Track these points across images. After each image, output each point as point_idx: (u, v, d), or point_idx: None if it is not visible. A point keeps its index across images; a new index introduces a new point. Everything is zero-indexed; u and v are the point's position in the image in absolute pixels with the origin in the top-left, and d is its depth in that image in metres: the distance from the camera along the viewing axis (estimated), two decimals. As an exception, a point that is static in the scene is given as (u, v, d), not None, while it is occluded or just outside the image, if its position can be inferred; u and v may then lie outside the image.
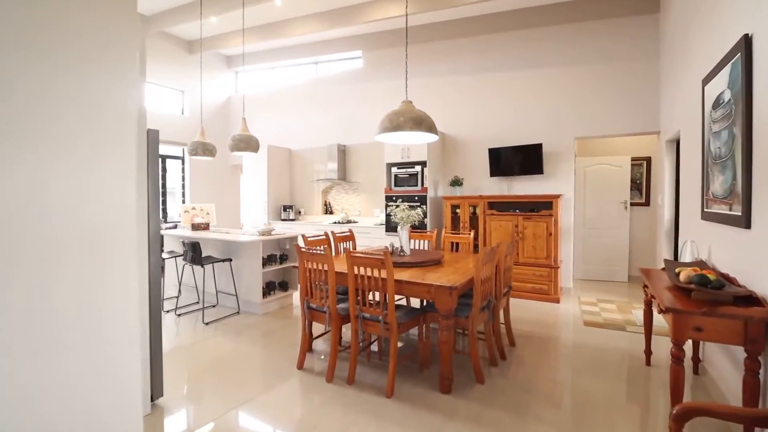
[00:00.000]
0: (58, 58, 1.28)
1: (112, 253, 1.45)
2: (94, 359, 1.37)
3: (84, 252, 1.34)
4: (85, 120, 1.35)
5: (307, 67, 7.61)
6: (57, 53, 1.27)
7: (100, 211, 1.40)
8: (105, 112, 1.41)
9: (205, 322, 3.82)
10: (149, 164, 2.26)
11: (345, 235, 3.90)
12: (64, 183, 1.29)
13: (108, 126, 1.42)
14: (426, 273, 2.69)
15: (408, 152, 5.36)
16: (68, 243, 1.30)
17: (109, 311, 1.43)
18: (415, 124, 2.86)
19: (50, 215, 1.25)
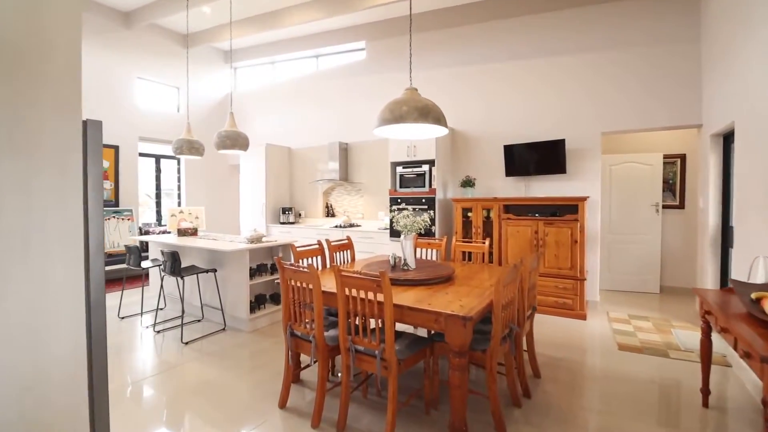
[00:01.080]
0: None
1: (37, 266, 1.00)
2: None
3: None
4: None
5: (308, 61, 7.17)
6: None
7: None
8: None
9: (185, 341, 3.39)
10: (88, 162, 1.81)
11: (342, 243, 3.43)
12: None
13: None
14: (434, 294, 2.21)
15: (414, 150, 4.88)
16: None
17: (24, 347, 0.98)
18: (420, 115, 2.39)
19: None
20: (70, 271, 1.73)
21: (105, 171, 6.17)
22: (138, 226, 6.46)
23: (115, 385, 2.62)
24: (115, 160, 6.27)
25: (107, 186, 6.21)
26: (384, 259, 3.12)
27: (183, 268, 3.66)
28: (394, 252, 2.87)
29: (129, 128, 6.43)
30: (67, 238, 1.73)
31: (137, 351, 3.21)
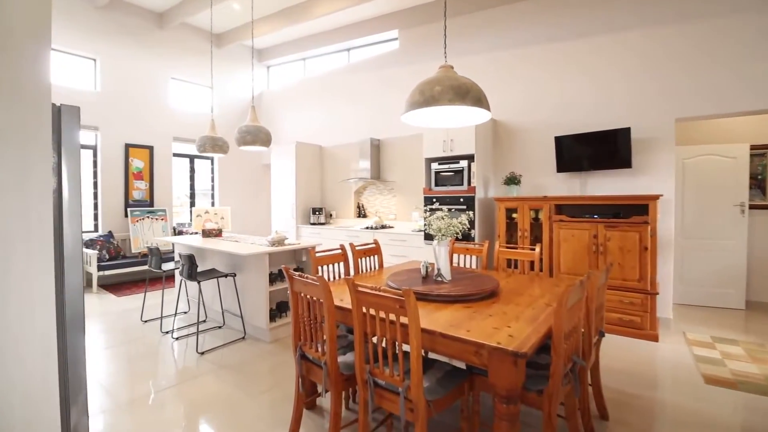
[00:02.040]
0: None
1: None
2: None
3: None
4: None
5: (339, 56, 6.89)
6: None
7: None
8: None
9: (201, 351, 3.16)
10: (63, 154, 1.56)
11: (369, 248, 3.06)
12: None
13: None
14: (474, 315, 1.77)
15: (451, 144, 4.41)
16: None
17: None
18: (456, 95, 1.97)
19: None
20: (35, 283, 1.48)
21: (140, 171, 6.22)
22: (172, 226, 6.48)
23: (117, 401, 2.40)
24: (149, 160, 6.31)
25: (142, 186, 6.25)
26: (415, 268, 2.71)
27: (200, 272, 3.45)
28: (427, 260, 2.44)
29: (163, 128, 6.46)
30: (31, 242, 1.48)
31: (149, 361, 3.01)
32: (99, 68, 5.76)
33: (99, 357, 3.06)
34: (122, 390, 2.54)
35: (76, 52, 5.56)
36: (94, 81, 5.78)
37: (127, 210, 5.97)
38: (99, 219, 5.85)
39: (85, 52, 5.61)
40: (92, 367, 2.88)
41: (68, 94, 5.43)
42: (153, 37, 6.30)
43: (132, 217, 5.93)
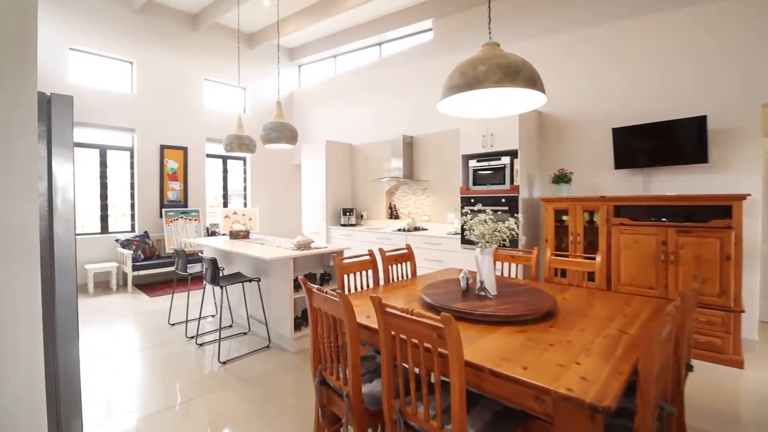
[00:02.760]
0: None
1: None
2: None
3: None
4: None
5: (370, 51, 6.65)
6: None
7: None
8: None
9: (222, 360, 2.99)
10: (53, 149, 1.37)
11: (400, 254, 2.76)
12: None
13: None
14: (529, 344, 1.43)
15: (492, 139, 4.02)
16: None
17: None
18: (505, 76, 1.64)
19: None
20: (18, 296, 1.30)
21: (174, 172, 6.27)
22: (205, 227, 6.49)
23: (128, 417, 2.25)
24: (184, 161, 6.35)
25: (176, 187, 6.30)
26: (453, 278, 2.38)
27: (223, 276, 3.29)
28: (466, 270, 2.11)
29: (197, 130, 6.49)
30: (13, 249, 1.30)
31: (169, 370, 2.87)
32: (135, 71, 5.84)
33: (120, 362, 2.96)
34: (136, 402, 2.40)
35: (114, 56, 5.67)
36: (131, 84, 5.87)
37: (162, 210, 6.02)
38: (135, 219, 5.94)
39: (123, 55, 5.71)
40: (110, 373, 2.78)
41: (106, 97, 5.53)
42: (187, 39, 6.34)
43: (166, 217, 5.98)
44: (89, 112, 5.38)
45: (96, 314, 4.22)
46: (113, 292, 5.22)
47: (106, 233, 5.69)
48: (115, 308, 4.49)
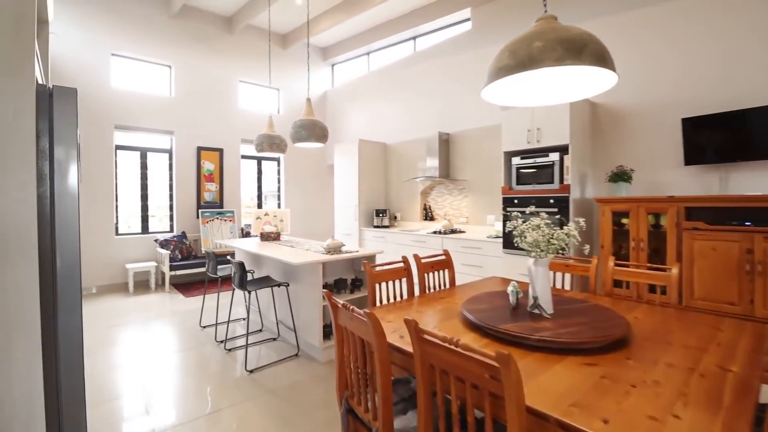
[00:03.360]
0: None
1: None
2: None
3: None
4: None
5: (404, 46, 6.41)
6: None
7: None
8: None
9: (249, 369, 2.86)
10: (54, 144, 1.25)
11: (437, 260, 2.50)
12: None
13: None
14: (605, 384, 1.13)
15: (537, 134, 3.66)
16: None
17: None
18: (568, 52, 1.36)
19: None
20: (13, 309, 1.17)
21: (210, 173, 6.34)
22: (240, 227, 6.53)
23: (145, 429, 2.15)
24: (219, 162, 6.41)
25: (212, 188, 6.37)
26: (499, 291, 2.09)
27: (251, 281, 3.18)
28: (515, 283, 1.82)
29: (232, 131, 6.53)
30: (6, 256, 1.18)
31: (196, 377, 2.78)
32: (174, 74, 5.95)
33: (150, 365, 2.91)
34: (161, 411, 2.30)
35: (154, 60, 5.79)
36: (170, 87, 5.99)
37: (199, 211, 6.10)
38: (174, 220, 6.05)
39: (161, 59, 5.83)
40: (138, 377, 2.72)
41: (146, 100, 5.66)
42: (222, 42, 6.40)
43: (203, 218, 6.04)
44: (130, 116, 5.52)
45: (133, 313, 4.28)
46: (152, 291, 5.32)
47: (146, 233, 5.83)
48: (152, 307, 4.54)
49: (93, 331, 3.67)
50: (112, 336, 3.56)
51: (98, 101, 5.26)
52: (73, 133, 1.28)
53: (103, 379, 2.71)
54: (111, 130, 5.38)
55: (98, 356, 3.09)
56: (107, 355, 3.13)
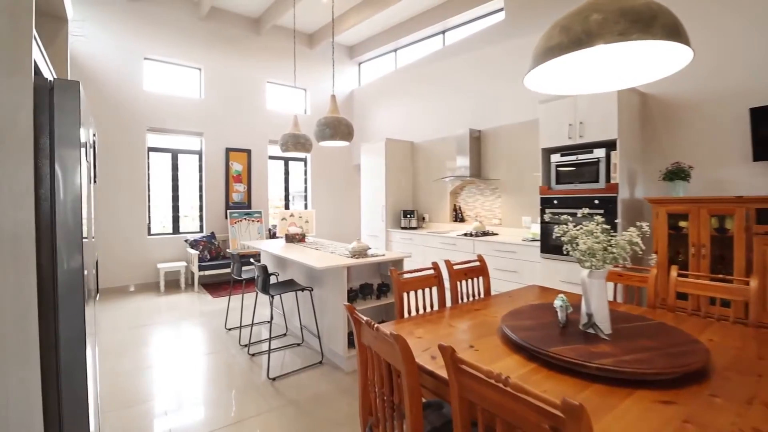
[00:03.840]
0: None
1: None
2: None
3: None
4: None
5: (433, 41, 6.19)
6: None
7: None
8: None
9: (272, 377, 2.76)
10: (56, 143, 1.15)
11: (471, 267, 2.29)
12: None
13: None
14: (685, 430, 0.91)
15: (580, 128, 3.36)
16: None
17: None
18: (634, 24, 1.14)
19: None
20: (6, 329, 1.08)
21: (239, 174, 6.37)
22: (267, 228, 6.53)
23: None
24: (247, 163, 6.44)
25: (240, 189, 6.40)
26: (542, 304, 1.86)
27: (274, 285, 3.08)
28: (563, 296, 1.59)
29: (260, 132, 6.54)
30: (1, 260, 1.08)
31: (217, 383, 2.70)
32: (203, 77, 6.01)
33: (174, 369, 2.87)
34: (181, 418, 2.23)
35: (184, 63, 5.87)
36: (199, 89, 6.05)
37: (227, 212, 6.14)
38: (203, 220, 6.12)
39: (191, 62, 5.90)
40: (158, 381, 2.67)
41: (177, 103, 5.74)
42: (250, 43, 6.42)
43: (231, 218, 6.07)
44: (162, 118, 5.62)
45: (163, 313, 4.31)
46: (182, 291, 5.38)
47: (177, 233, 5.92)
48: (180, 307, 4.56)
49: (123, 331, 3.71)
50: (140, 336, 3.57)
51: (132, 104, 5.37)
52: (75, 129, 1.18)
53: (126, 382, 2.68)
54: (143, 132, 5.49)
55: (124, 359, 3.09)
56: (133, 357, 3.12)
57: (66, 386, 1.20)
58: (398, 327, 1.68)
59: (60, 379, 1.19)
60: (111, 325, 3.91)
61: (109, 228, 5.23)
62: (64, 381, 1.19)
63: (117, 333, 3.67)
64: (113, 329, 3.78)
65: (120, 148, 5.30)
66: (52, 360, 1.16)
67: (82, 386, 1.24)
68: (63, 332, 1.19)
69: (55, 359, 1.17)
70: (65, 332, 1.19)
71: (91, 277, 1.66)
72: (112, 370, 2.88)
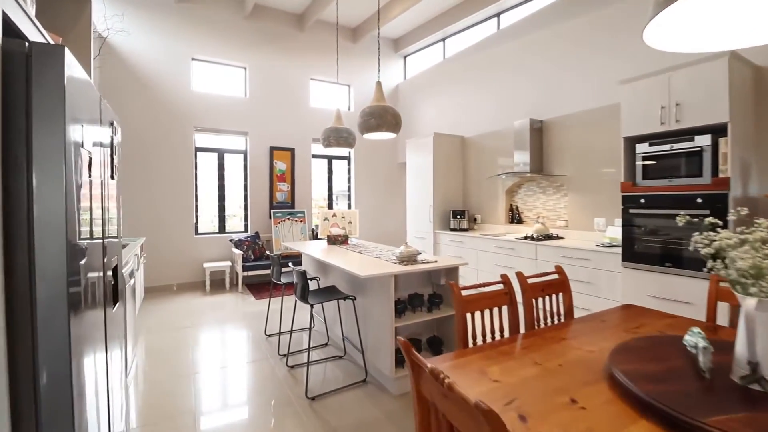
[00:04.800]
0: None
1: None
2: None
3: None
4: None
5: (487, 25, 5.68)
6: None
7: None
8: None
9: (310, 396, 2.48)
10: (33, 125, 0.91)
11: (548, 281, 1.85)
12: None
13: None
14: None
15: (678, 111, 2.77)
16: None
17: None
18: None
19: None
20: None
21: (282, 173, 6.27)
22: (311, 228, 6.37)
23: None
24: (291, 162, 6.32)
25: (284, 188, 6.29)
26: (663, 337, 1.39)
27: (314, 291, 2.80)
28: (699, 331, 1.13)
29: (303, 130, 6.40)
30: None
31: (253, 401, 2.46)
32: (248, 75, 5.96)
33: (210, 378, 2.68)
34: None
35: (230, 62, 5.85)
36: (245, 88, 6.01)
37: (271, 211, 6.05)
38: (248, 220, 6.07)
39: (237, 61, 5.86)
40: (193, 392, 2.48)
41: (224, 102, 5.73)
42: (294, 40, 6.29)
43: (274, 218, 5.97)
44: (208, 118, 5.62)
45: (205, 314, 4.23)
46: (226, 291, 5.33)
47: (223, 233, 5.92)
48: (224, 308, 4.48)
49: (168, 332, 3.64)
50: (181, 339, 3.47)
51: (180, 105, 5.41)
52: (59, 105, 0.93)
53: (160, 391, 2.52)
54: (191, 132, 5.52)
55: (165, 365, 2.97)
56: (175, 362, 2.99)
57: (46, 411, 0.95)
58: (463, 362, 1.31)
59: (39, 406, 0.94)
60: (157, 325, 3.87)
61: (158, 228, 5.30)
62: (44, 407, 0.95)
63: (163, 334, 3.60)
64: (159, 330, 3.72)
65: (168, 149, 5.36)
66: (27, 382, 0.92)
67: (66, 411, 0.99)
68: (42, 347, 0.94)
69: (33, 381, 0.93)
70: (46, 346, 0.95)
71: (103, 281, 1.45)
72: (151, 375, 2.75)
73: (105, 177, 1.48)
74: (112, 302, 1.62)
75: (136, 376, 2.76)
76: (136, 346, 3.27)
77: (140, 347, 3.30)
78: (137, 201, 5.17)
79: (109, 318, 1.52)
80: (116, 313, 1.72)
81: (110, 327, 1.56)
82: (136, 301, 3.55)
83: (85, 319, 1.15)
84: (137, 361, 3.02)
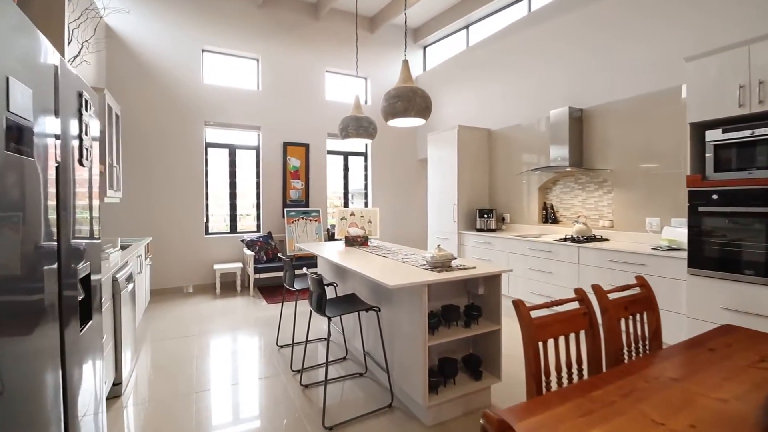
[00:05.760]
0: None
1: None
2: None
3: None
4: None
5: (516, 8, 5.26)
6: None
7: None
8: None
9: (328, 426, 2.13)
10: None
11: (630, 297, 1.46)
12: None
13: None
14: None
15: (762, 90, 2.32)
16: None
17: None
18: None
19: None
20: None
21: (296, 170, 5.96)
22: (326, 228, 6.05)
23: None
24: (305, 158, 6.00)
25: (298, 186, 5.99)
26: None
27: (332, 301, 2.46)
28: None
29: (318, 124, 6.08)
30: None
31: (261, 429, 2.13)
32: (261, 67, 5.67)
33: (212, 399, 2.37)
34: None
35: (242, 54, 5.57)
36: (257, 81, 5.73)
37: (284, 210, 5.75)
38: (260, 219, 5.79)
39: (249, 52, 5.58)
40: (194, 418, 2.16)
41: (235, 96, 5.45)
42: (308, 30, 5.97)
43: (288, 217, 5.67)
44: (219, 112, 5.35)
45: (215, 319, 3.93)
46: (237, 294, 5.05)
47: (234, 233, 5.64)
48: (234, 313, 4.18)
49: (174, 341, 3.35)
50: (186, 350, 3.17)
51: (191, 98, 5.16)
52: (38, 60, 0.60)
53: (156, 413, 2.21)
54: (201, 126, 5.26)
55: (165, 381, 2.66)
56: (174, 377, 2.69)
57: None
58: (550, 419, 0.93)
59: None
60: (163, 332, 3.59)
61: (166, 227, 5.05)
62: None
63: (166, 343, 3.32)
64: (163, 338, 3.44)
65: (178, 144, 5.10)
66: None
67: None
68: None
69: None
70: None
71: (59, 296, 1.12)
72: (150, 395, 2.44)
73: (67, 161, 1.15)
74: (79, 321, 1.29)
75: (135, 391, 2.46)
76: (136, 358, 2.98)
77: (142, 358, 3.02)
78: (143, 198, 4.92)
79: (70, 342, 1.19)
80: (88, 334, 1.40)
81: (74, 352, 1.23)
82: (137, 306, 3.26)
83: (16, 350, 0.82)
84: (136, 375, 2.73)
